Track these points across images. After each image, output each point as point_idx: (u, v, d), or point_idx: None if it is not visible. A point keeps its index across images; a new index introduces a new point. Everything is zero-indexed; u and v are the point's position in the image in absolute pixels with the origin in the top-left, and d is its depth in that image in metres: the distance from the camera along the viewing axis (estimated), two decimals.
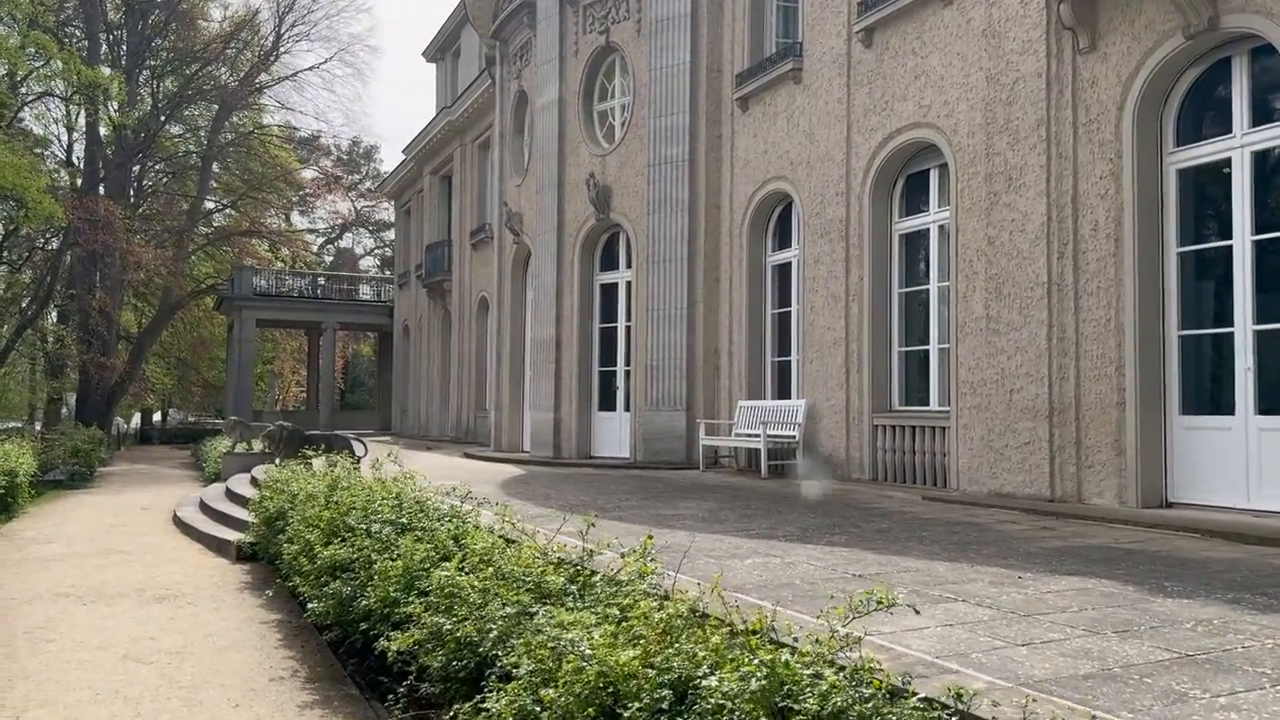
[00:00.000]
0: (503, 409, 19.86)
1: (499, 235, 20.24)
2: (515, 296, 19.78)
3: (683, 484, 12.40)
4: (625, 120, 16.61)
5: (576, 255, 17.22)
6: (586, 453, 17.08)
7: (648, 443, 15.54)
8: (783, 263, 14.69)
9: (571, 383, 17.21)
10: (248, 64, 42.77)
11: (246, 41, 43.18)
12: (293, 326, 46.00)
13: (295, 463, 11.94)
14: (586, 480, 13.03)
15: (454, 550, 6.36)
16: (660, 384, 15.47)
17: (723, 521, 8.44)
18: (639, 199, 16.04)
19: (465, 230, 28.81)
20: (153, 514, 16.95)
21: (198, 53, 41.54)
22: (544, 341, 17.69)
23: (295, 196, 51.70)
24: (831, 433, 12.74)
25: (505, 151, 20.19)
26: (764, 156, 14.41)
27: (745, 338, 14.78)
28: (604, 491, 11.37)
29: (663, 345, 15.49)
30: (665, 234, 15.54)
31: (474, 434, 27.96)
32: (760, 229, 14.86)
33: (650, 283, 15.67)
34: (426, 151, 31.97)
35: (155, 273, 37.70)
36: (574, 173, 17.32)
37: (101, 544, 13.34)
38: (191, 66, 41.15)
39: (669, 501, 10.18)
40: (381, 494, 8.25)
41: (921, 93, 11.51)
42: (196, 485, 22.38)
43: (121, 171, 39.42)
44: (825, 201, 13.00)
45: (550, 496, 10.68)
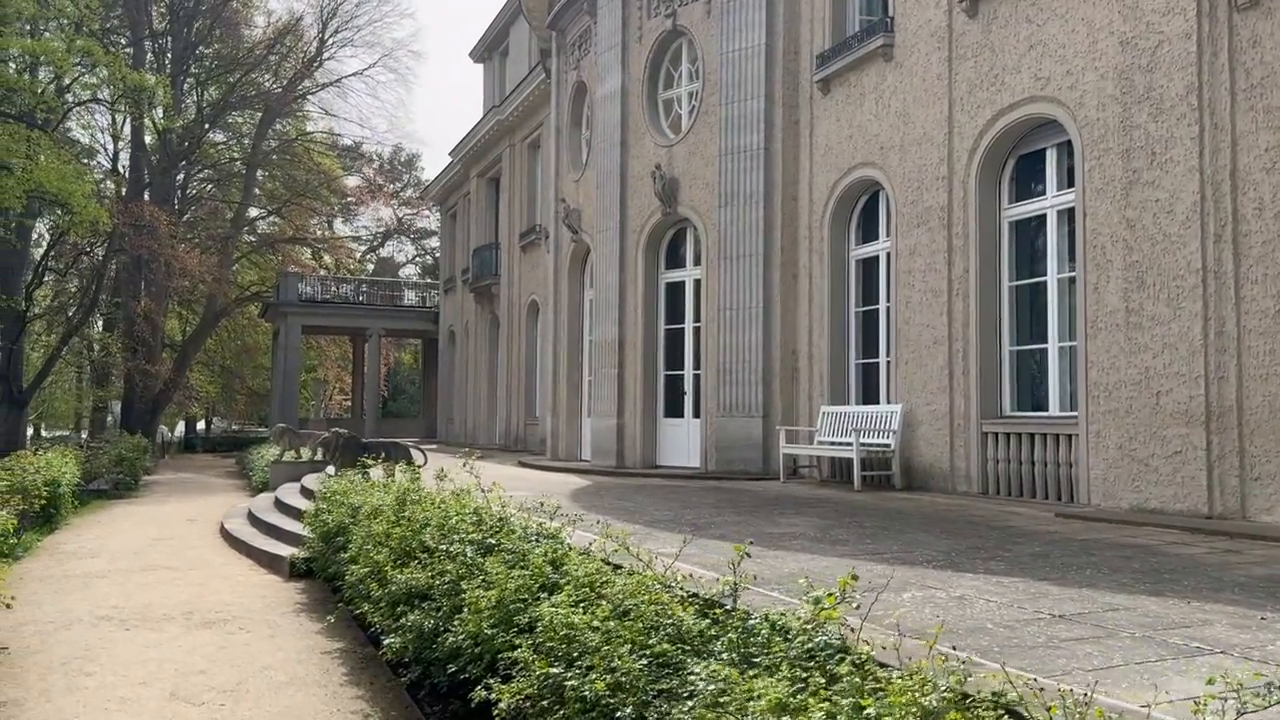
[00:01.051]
0: (559, 415, 18.91)
1: (556, 233, 19.33)
2: (573, 297, 18.84)
3: (769, 496, 11.35)
4: (694, 108, 15.62)
5: (640, 252, 16.24)
6: (652, 461, 16.08)
7: (720, 451, 14.51)
8: (868, 256, 13.61)
9: (636, 387, 16.22)
10: (291, 71, 42.40)
11: (290, 48, 42.83)
12: (338, 333, 45.48)
13: (352, 472, 11.06)
14: (662, 492, 12.02)
15: (553, 577, 5.39)
16: (734, 388, 14.43)
17: (842, 543, 7.39)
18: (709, 191, 15.04)
19: (514, 232, 27.99)
20: (199, 526, 16.19)
21: (241, 59, 41.22)
22: (606, 344, 16.72)
23: (338, 204, 51.38)
24: (932, 441, 11.64)
25: (562, 146, 19.28)
26: (848, 142, 13.35)
27: (827, 338, 13.71)
28: (687, 505, 10.35)
29: (736, 347, 14.46)
30: (738, 228, 14.52)
31: (524, 442, 27.08)
32: (843, 221, 13.79)
33: (722, 280, 14.65)
34: (474, 153, 31.22)
35: (200, 279, 37.30)
36: (638, 165, 16.36)
37: (146, 559, 12.54)
38: (235, 73, 40.80)
39: (766, 517, 9.14)
40: (456, 508, 7.31)
41: (1038, 64, 10.41)
42: (243, 495, 21.68)
43: (166, 178, 39.12)
44: (922, 187, 11.92)
45: (631, 510, 9.69)
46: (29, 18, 29.60)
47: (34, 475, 14.07)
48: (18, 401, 31.39)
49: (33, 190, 27.01)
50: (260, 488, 20.38)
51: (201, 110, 41.82)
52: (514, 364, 27.89)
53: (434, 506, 7.43)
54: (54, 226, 36.58)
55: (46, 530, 15.19)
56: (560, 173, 19.24)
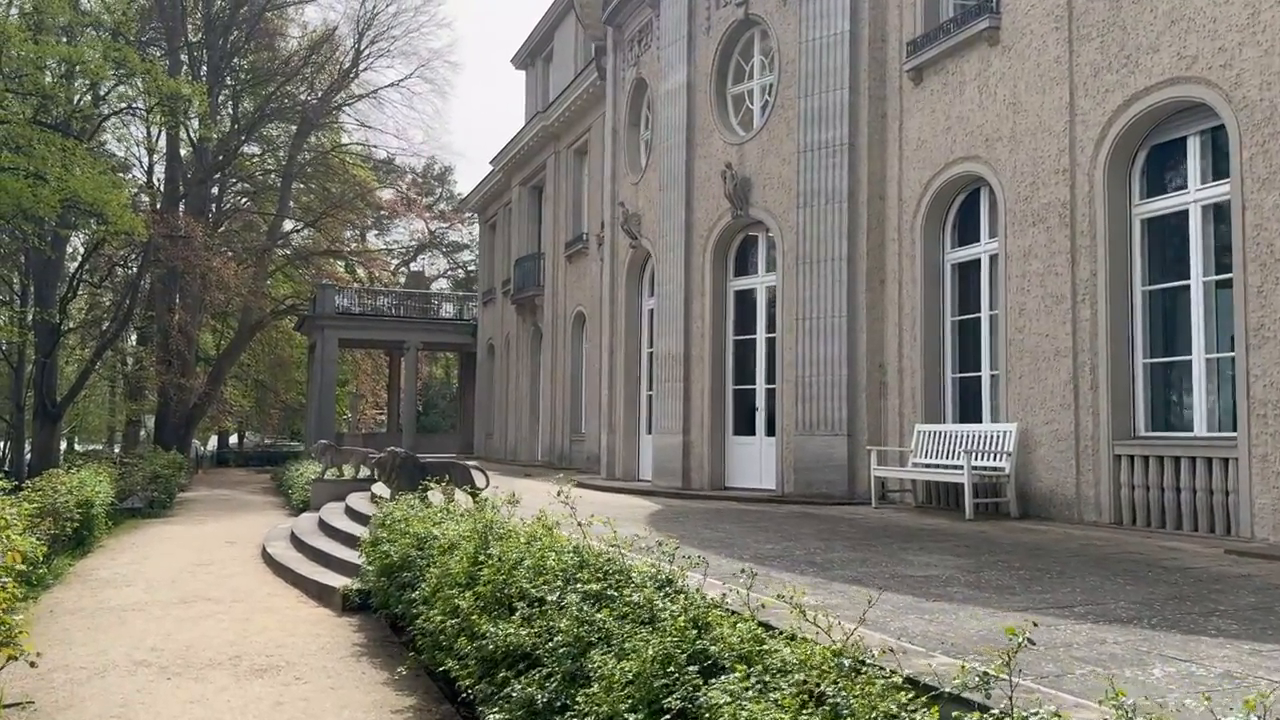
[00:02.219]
0: (616, 432, 17.84)
1: (612, 238, 18.29)
2: (630, 306, 17.79)
3: (872, 526, 10.19)
4: (767, 103, 14.56)
5: (708, 258, 15.17)
6: (720, 483, 14.96)
7: (800, 473, 13.37)
8: (967, 260, 12.46)
9: (703, 403, 15.12)
10: (326, 82, 41.83)
11: (325, 59, 42.26)
12: (375, 346, 44.72)
13: (411, 496, 10.04)
14: (748, 519, 10.90)
15: (700, 643, 4.29)
16: (814, 405, 13.30)
17: (1007, 590, 6.24)
18: (786, 191, 13.95)
19: (559, 241, 27.02)
20: (239, 549, 15.24)
21: (276, 70, 40.71)
22: (670, 356, 15.65)
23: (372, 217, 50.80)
24: (1053, 464, 10.44)
25: (619, 147, 18.27)
26: (945, 135, 12.23)
27: (920, 350, 12.56)
28: (786, 534, 9.23)
29: (817, 360, 13.34)
30: (819, 230, 13.42)
31: (568, 459, 26.04)
32: (937, 221, 12.65)
33: (800, 287, 13.54)
34: (516, 161, 30.33)
35: (236, 292, 36.66)
36: (705, 165, 15.30)
37: (185, 588, 11.58)
38: (270, 85, 40.27)
39: (887, 552, 8.00)
40: (548, 543, 6.25)
41: (1182, 40, 9.25)
42: (282, 514, 20.75)
43: (202, 189, 38.58)
44: (1038, 182, 10.77)
45: (726, 541, 8.57)
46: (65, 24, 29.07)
47: (66, 496, 13.18)
48: (51, 415, 30.75)
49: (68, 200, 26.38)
50: (301, 507, 19.46)
51: (237, 122, 41.34)
52: (558, 377, 26.88)
53: (524, 543, 6.37)
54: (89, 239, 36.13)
55: (79, 554, 14.29)
56: (617, 175, 18.22)
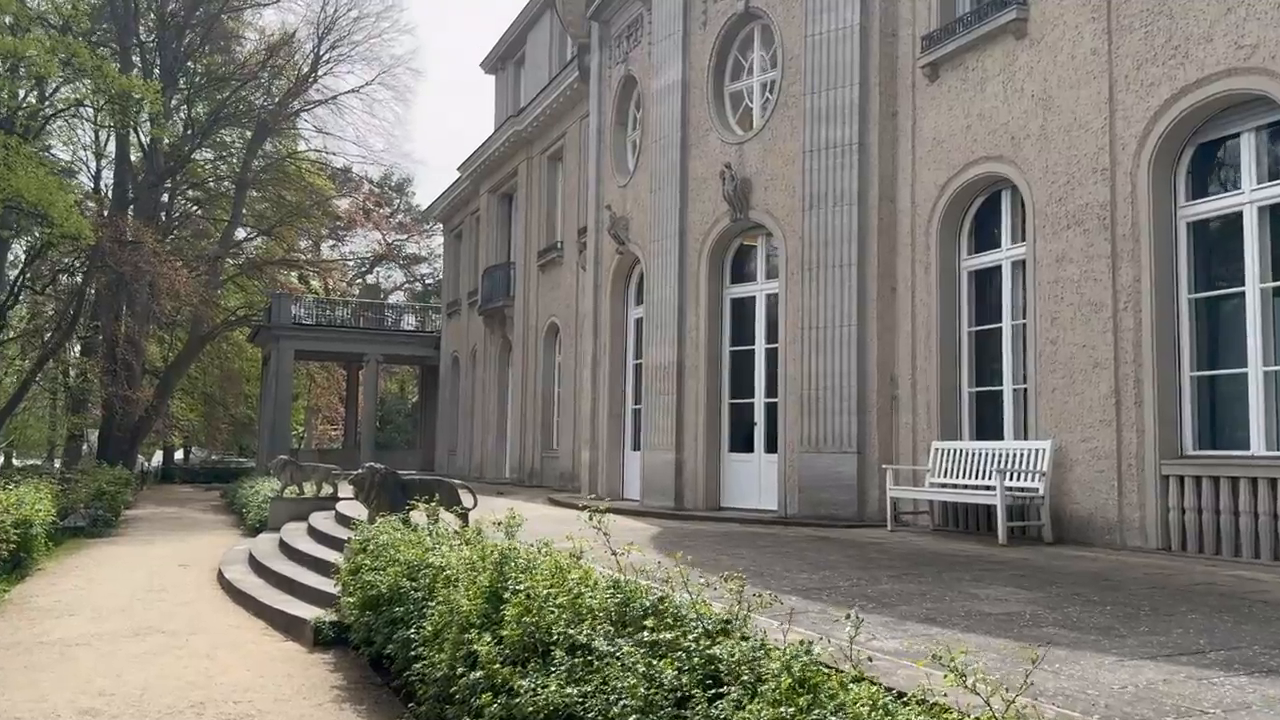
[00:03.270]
0: (599, 448, 16.89)
1: (596, 244, 17.39)
2: (615, 315, 16.88)
3: (902, 551, 9.36)
4: (770, 100, 13.79)
5: (704, 263, 14.33)
6: (716, 503, 14.07)
7: (805, 493, 12.53)
8: (985, 267, 11.75)
9: (697, 417, 14.25)
10: (284, 88, 40.49)
11: (284, 63, 40.91)
12: (333, 359, 43.21)
13: (394, 518, 9.03)
14: (760, 542, 10.02)
15: (813, 711, 3.40)
16: (821, 420, 12.49)
17: (1112, 631, 5.41)
18: (790, 193, 13.17)
19: (531, 250, 26.06)
20: (194, 573, 14.04)
21: (232, 74, 39.32)
22: (661, 368, 14.76)
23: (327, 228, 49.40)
24: (1092, 485, 9.70)
25: (604, 149, 17.40)
26: (965, 134, 11.53)
27: (935, 362, 11.81)
28: (814, 562, 8.36)
29: (824, 372, 12.54)
30: (826, 235, 12.64)
31: (539, 476, 25.01)
32: (953, 226, 11.94)
33: (806, 295, 12.75)
34: (485, 168, 29.33)
35: (186, 301, 35.13)
36: (701, 165, 14.48)
37: (136, 618, 10.42)
38: (225, 90, 38.86)
39: (940, 582, 7.17)
40: (576, 575, 5.32)
41: (1240, 29, 8.62)
42: (236, 534, 19.47)
43: (153, 194, 37.04)
44: (1073, 182, 10.08)
45: (755, 571, 7.66)
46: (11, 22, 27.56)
47: (1, 515, 11.94)
48: None
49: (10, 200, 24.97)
50: (257, 527, 18.22)
51: (190, 126, 39.87)
52: (529, 391, 25.85)
53: (549, 575, 5.42)
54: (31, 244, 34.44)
55: (16, 579, 13.01)
56: (602, 178, 17.34)
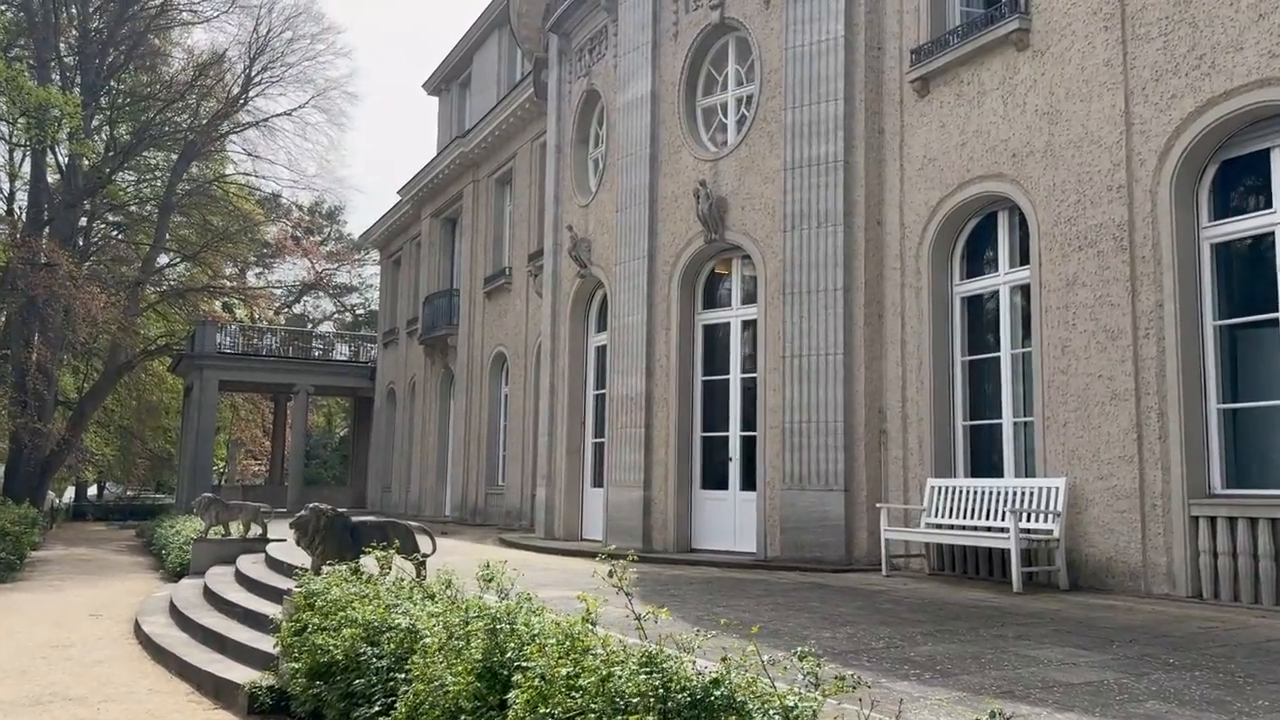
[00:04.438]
0: (556, 485, 15.80)
1: (555, 267, 16.39)
2: (575, 343, 15.87)
3: (916, 601, 8.47)
4: (744, 116, 13.04)
5: (675, 287, 13.44)
6: (687, 544, 13.09)
7: (787, 534, 11.63)
8: (981, 292, 11.07)
9: (667, 453, 13.29)
10: (212, 110, 38.83)
11: (213, 83, 39.26)
12: (260, 390, 41.27)
13: (342, 566, 7.88)
14: (751, 591, 9.06)
15: None
16: (804, 455, 11.63)
17: (1229, 707, 4.57)
18: (768, 213, 12.38)
19: (477, 277, 24.96)
20: (106, 624, 12.58)
21: (158, 93, 37.60)
22: (628, 399, 13.79)
23: (254, 255, 47.60)
24: (1110, 527, 8.96)
25: (564, 167, 16.47)
26: (959, 151, 10.87)
27: (928, 393, 11.05)
28: (826, 616, 7.43)
29: (807, 404, 11.70)
30: (809, 257, 11.86)
31: (484, 514, 23.76)
32: (945, 249, 11.24)
33: (787, 321, 11.93)
34: (428, 191, 28.22)
35: (104, 328, 33.13)
36: (671, 184, 13.64)
37: (38, 682, 9.04)
38: (150, 110, 37.12)
39: (985, 642, 6.28)
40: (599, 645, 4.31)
41: (1275, 34, 8.06)
42: (155, 579, 17.89)
43: (70, 214, 35.04)
44: (1085, 201, 9.43)
45: (771, 630, 6.69)
46: None
47: None
48: None
49: None
50: (178, 571, 16.71)
51: (114, 144, 37.98)
52: (473, 424, 24.64)
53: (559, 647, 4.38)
54: None
55: None
56: (561, 198, 16.39)
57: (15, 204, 37.55)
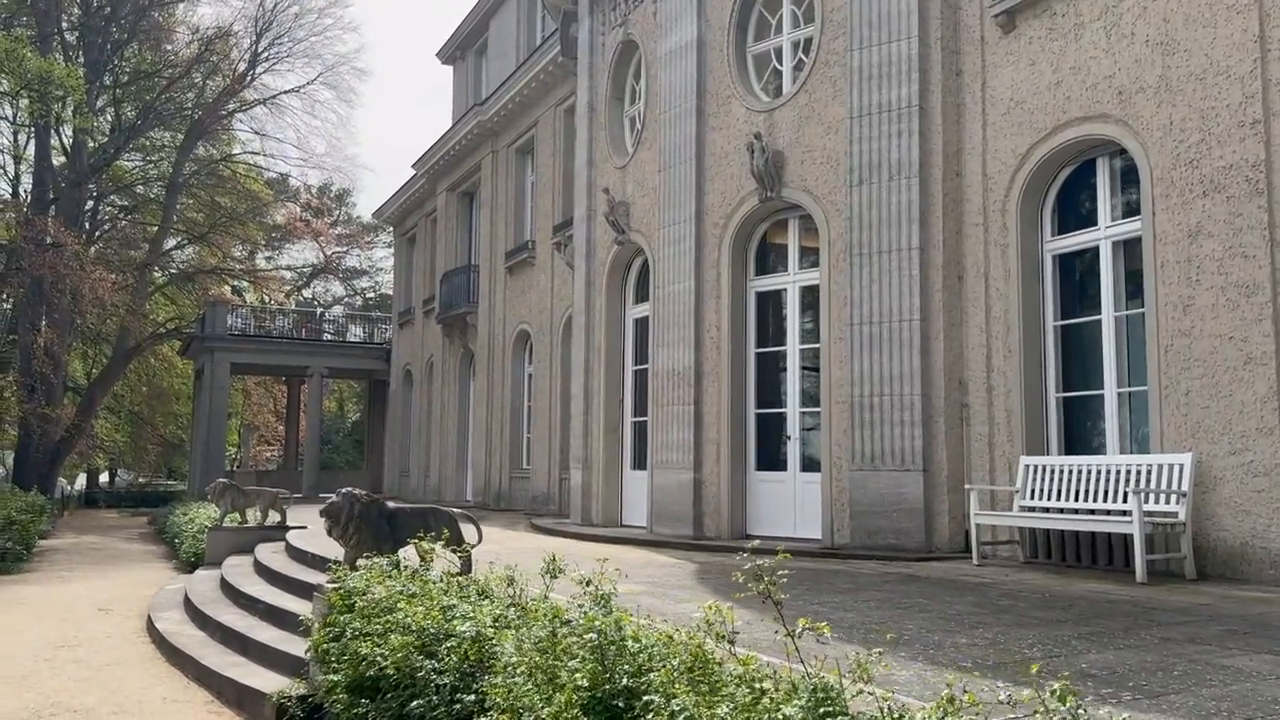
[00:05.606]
0: (593, 468, 14.78)
1: (589, 234, 15.31)
2: (612, 316, 14.82)
3: (1036, 597, 7.44)
4: (805, 61, 11.93)
5: (725, 252, 12.37)
6: (742, 530, 12.08)
7: (858, 519, 10.59)
8: (1077, 250, 9.98)
9: (719, 431, 12.25)
10: (220, 87, 37.78)
11: (219, 59, 38.14)
12: (273, 373, 40.33)
13: (381, 559, 6.88)
14: (839, 584, 8.04)
15: None
16: (877, 432, 10.58)
17: None
18: (833, 167, 11.29)
19: (498, 252, 23.89)
20: (117, 620, 11.65)
21: (163, 73, 36.54)
22: (675, 374, 12.75)
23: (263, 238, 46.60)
24: (1246, 508, 7.91)
25: (597, 127, 15.37)
26: (1053, 91, 9.76)
27: (1017, 363, 9.98)
28: (938, 615, 6.40)
29: (879, 376, 10.64)
30: (880, 214, 10.78)
31: (508, 499, 22.78)
32: (1035, 201, 10.15)
33: (855, 286, 10.85)
34: (444, 164, 27.11)
35: (112, 311, 32.20)
36: (720, 139, 12.56)
37: (40, 691, 8.09)
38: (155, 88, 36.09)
39: (1149, 646, 5.25)
40: (736, 672, 3.31)
41: None
42: (169, 569, 16.98)
43: (76, 193, 34.08)
44: (1209, 140, 8.33)
45: (903, 639, 5.67)
46: None
47: None
48: None
49: None
50: (192, 560, 15.79)
51: (119, 124, 36.97)
52: (495, 405, 23.63)
53: (688, 670, 3.38)
54: None
55: None
56: (595, 160, 15.30)
57: (20, 186, 36.65)
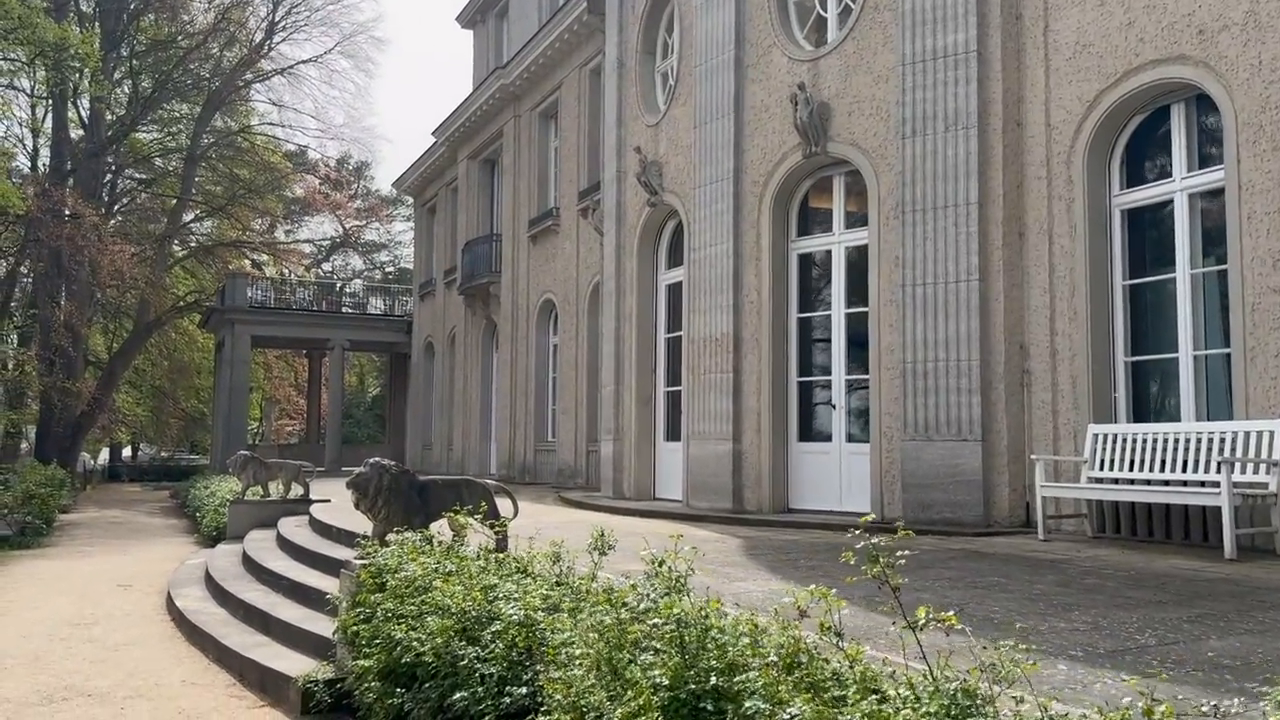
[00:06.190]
0: (625, 439, 14.26)
1: (619, 196, 14.70)
2: (644, 281, 14.23)
3: (1121, 574, 6.85)
4: (851, 6, 11.24)
5: (766, 211, 11.75)
6: (784, 504, 11.53)
7: (911, 492, 10.01)
8: (1149, 204, 9.32)
9: (759, 400, 11.68)
10: (236, 57, 37.27)
11: (235, 31, 37.57)
12: (294, 345, 39.99)
13: (412, 534, 6.38)
14: (924, 564, 7.48)
15: None
16: (931, 400, 9.98)
17: None
18: (882, 118, 10.63)
19: (521, 220, 23.31)
20: (136, 597, 11.24)
21: (179, 43, 36.04)
22: (711, 340, 12.17)
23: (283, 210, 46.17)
24: None
25: (627, 84, 14.72)
26: (1124, 33, 9.06)
27: (1084, 325, 9.35)
28: (1020, 595, 5.84)
29: (933, 341, 10.02)
30: (934, 168, 10.12)
31: (533, 473, 22.33)
32: (1102, 153, 9.48)
33: (907, 244, 10.22)
34: (465, 131, 26.49)
35: (132, 284, 31.89)
36: (761, 91, 11.90)
37: (53, 672, 7.65)
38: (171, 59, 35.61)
39: (1269, 630, 4.68)
40: (846, 664, 2.75)
41: None
42: (190, 544, 16.62)
43: (94, 164, 33.71)
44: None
45: (989, 621, 5.12)
46: None
47: None
48: None
49: None
50: (214, 535, 15.42)
51: (136, 95, 36.52)
52: (519, 377, 23.13)
53: (787, 666, 2.83)
54: None
55: None
56: (625, 119, 14.66)
57: (39, 161, 36.33)
